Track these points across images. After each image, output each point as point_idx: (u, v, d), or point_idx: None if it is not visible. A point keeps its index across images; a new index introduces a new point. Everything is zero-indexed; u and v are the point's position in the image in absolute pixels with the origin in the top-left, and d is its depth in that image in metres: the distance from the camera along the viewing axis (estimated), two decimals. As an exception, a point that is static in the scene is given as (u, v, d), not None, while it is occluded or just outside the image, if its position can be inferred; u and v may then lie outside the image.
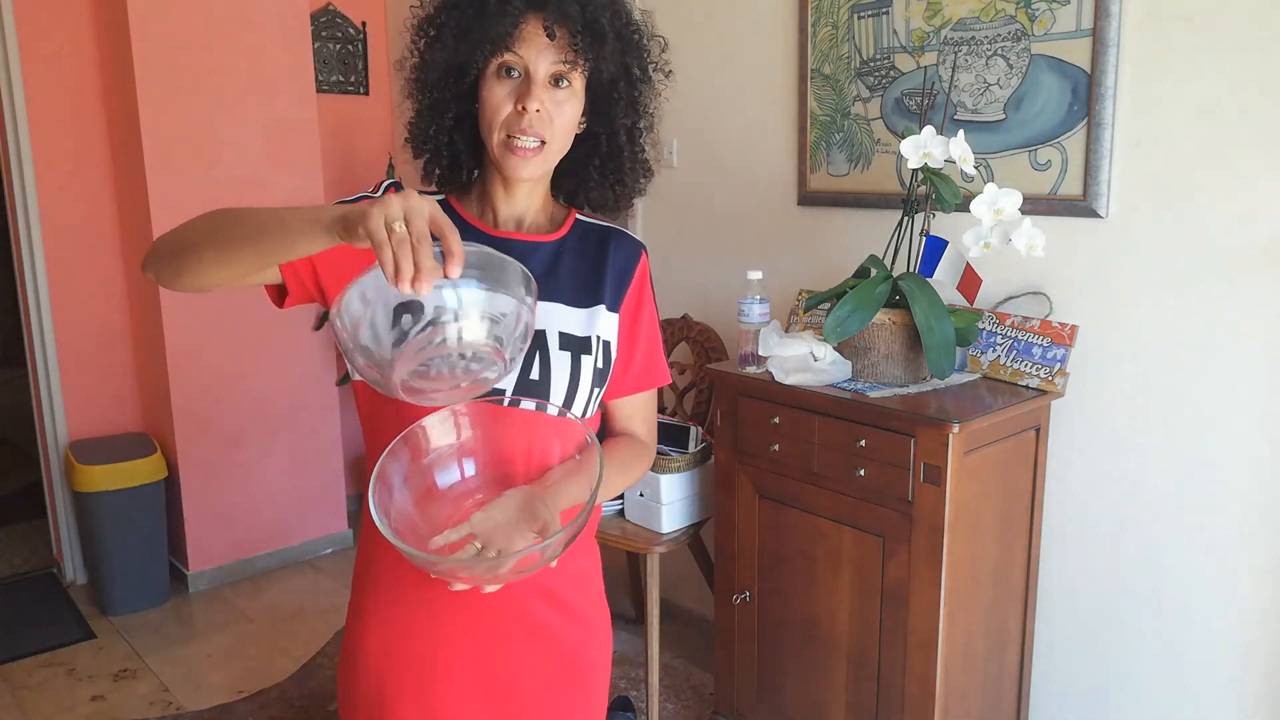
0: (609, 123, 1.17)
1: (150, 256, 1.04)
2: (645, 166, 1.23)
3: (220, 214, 1.00)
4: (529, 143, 1.09)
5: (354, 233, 0.86)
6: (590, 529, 1.28)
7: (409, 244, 0.83)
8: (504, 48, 1.07)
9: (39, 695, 2.69)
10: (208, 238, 0.98)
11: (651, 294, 1.26)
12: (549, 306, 1.15)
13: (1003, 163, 2.05)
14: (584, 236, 1.22)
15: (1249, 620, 1.83)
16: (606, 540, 2.33)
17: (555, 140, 1.11)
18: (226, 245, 0.97)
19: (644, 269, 1.24)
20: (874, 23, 2.24)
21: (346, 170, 3.85)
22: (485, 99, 1.10)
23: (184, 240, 1.00)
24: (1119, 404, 1.95)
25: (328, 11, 3.75)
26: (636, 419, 1.28)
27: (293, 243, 0.94)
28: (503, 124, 1.09)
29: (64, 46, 3.16)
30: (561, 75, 1.10)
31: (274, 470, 3.46)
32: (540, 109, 1.08)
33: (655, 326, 1.27)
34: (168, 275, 1.03)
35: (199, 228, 1.00)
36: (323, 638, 2.98)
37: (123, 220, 3.32)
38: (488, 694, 1.17)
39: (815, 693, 2.05)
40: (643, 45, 1.17)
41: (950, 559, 1.78)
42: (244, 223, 0.97)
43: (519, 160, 1.10)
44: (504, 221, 1.18)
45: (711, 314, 2.70)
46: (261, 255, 0.96)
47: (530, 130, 1.08)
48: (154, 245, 1.04)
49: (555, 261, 1.18)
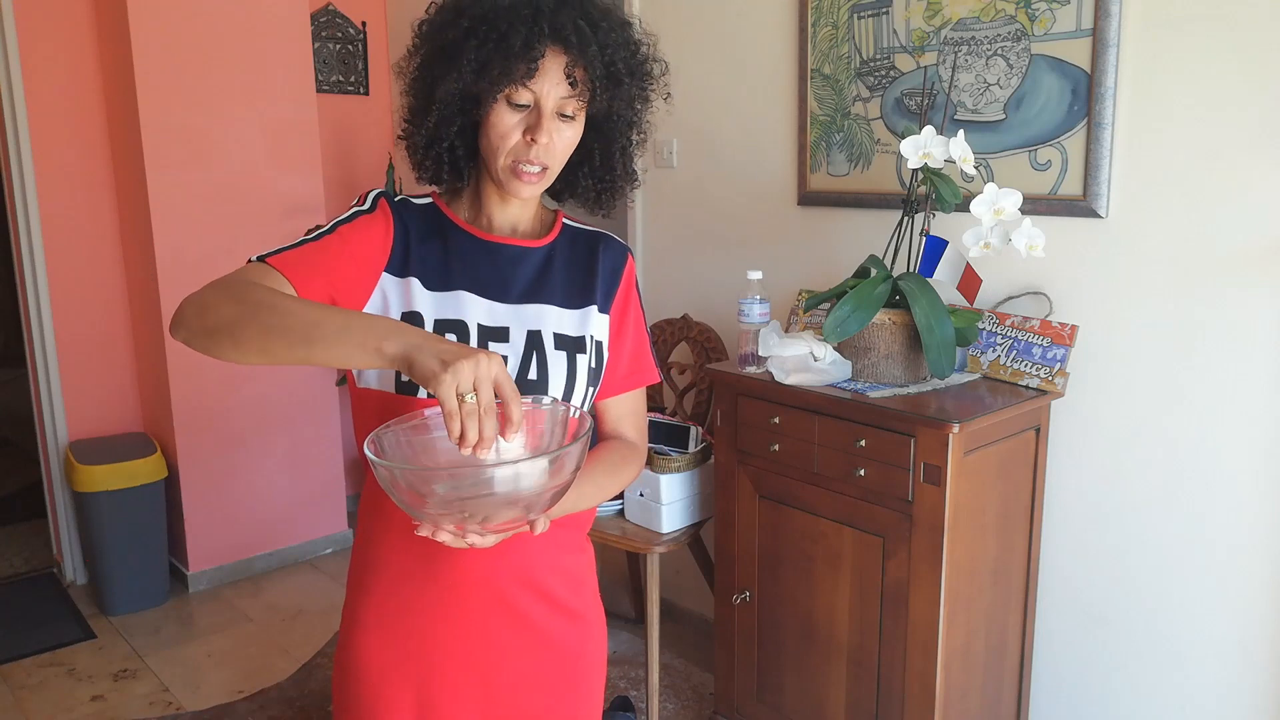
0: (606, 141, 1.20)
1: (180, 324, 0.98)
2: (633, 175, 1.25)
3: (262, 302, 0.95)
4: (534, 169, 1.11)
5: (421, 381, 0.88)
6: (584, 527, 1.28)
7: (477, 415, 0.87)
8: (522, 85, 1.07)
9: (39, 695, 2.69)
10: (249, 328, 0.94)
11: (638, 296, 1.28)
12: (544, 308, 1.17)
13: (1003, 163, 2.05)
14: (573, 240, 1.24)
15: (1249, 620, 1.83)
16: (606, 540, 2.33)
17: (557, 164, 1.14)
18: (269, 340, 0.93)
19: (630, 272, 1.27)
20: (874, 23, 2.24)
21: (346, 170, 3.85)
22: (493, 124, 1.10)
23: (220, 322, 0.96)
24: (1119, 404, 1.95)
25: (328, 11, 3.75)
26: (626, 421, 1.29)
27: (346, 356, 0.92)
28: (509, 151, 1.11)
29: (64, 46, 3.16)
30: (570, 110, 1.11)
31: (274, 470, 3.46)
32: (549, 141, 1.10)
33: (642, 327, 1.29)
34: (200, 347, 0.98)
35: (237, 313, 0.95)
36: (323, 638, 2.98)
37: (123, 220, 3.32)
38: (485, 695, 1.18)
39: (815, 693, 2.05)
40: (650, 75, 1.18)
41: (950, 559, 1.78)
42: (290, 324, 0.93)
43: (523, 184, 1.12)
44: (499, 227, 1.20)
45: (711, 314, 2.70)
46: (308, 360, 0.94)
47: (537, 160, 1.11)
48: (183, 311, 0.98)
49: (548, 264, 1.20)
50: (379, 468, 0.92)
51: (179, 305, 0.99)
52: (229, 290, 0.98)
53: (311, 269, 1.06)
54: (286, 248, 1.07)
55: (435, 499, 0.93)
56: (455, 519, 0.93)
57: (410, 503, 0.93)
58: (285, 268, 1.05)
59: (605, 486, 1.20)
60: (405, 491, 0.92)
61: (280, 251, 1.06)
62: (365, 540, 1.21)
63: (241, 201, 3.27)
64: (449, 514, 0.93)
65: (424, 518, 0.94)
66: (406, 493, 0.92)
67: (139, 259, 3.24)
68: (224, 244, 3.23)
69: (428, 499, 0.93)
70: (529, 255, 1.19)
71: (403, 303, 1.12)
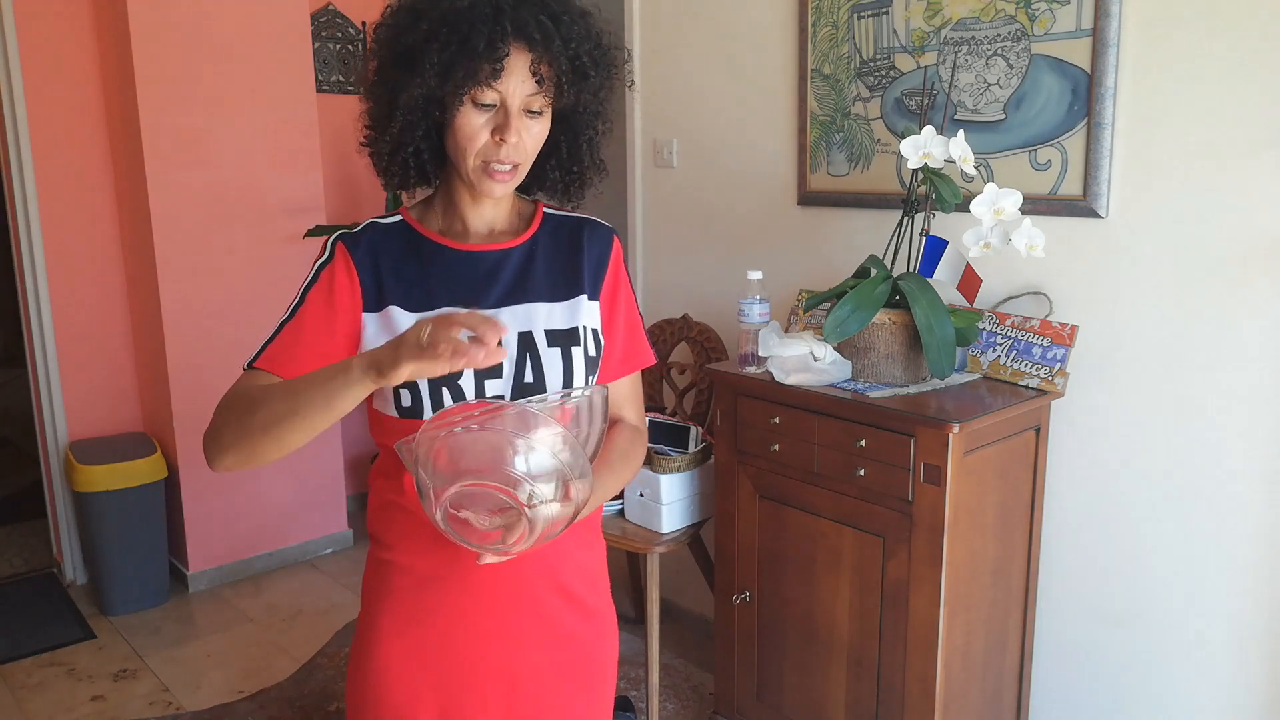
0: (572, 133, 1.18)
1: (213, 458, 1.06)
2: (601, 166, 1.24)
3: (251, 408, 1.03)
4: (505, 167, 1.10)
5: (392, 368, 0.91)
6: (596, 521, 1.29)
7: (444, 347, 0.88)
8: (487, 85, 1.06)
9: (39, 695, 2.69)
10: (252, 433, 1.02)
11: (627, 278, 1.26)
12: (532, 306, 1.16)
13: (1003, 163, 2.05)
14: (556, 230, 1.23)
15: (1249, 619, 1.83)
16: (606, 540, 2.32)
17: (527, 160, 1.13)
18: (277, 433, 1.01)
19: (618, 255, 1.25)
20: (874, 23, 2.25)
21: (346, 170, 3.84)
22: (459, 126, 1.09)
23: (234, 442, 1.04)
24: (1119, 404, 1.95)
25: (328, 11, 3.75)
26: (626, 404, 1.29)
27: (331, 401, 0.97)
28: (478, 152, 1.10)
29: (64, 47, 3.16)
30: (537, 106, 1.10)
31: (274, 470, 3.45)
32: (518, 140, 1.09)
33: (634, 309, 1.28)
34: (236, 467, 1.06)
35: (238, 430, 1.03)
36: (323, 638, 2.98)
37: (123, 220, 3.32)
38: (508, 694, 1.17)
39: (815, 693, 2.05)
40: (613, 64, 1.17)
41: (950, 559, 1.78)
42: (280, 411, 1.01)
43: (495, 183, 1.11)
44: (475, 233, 1.18)
45: (711, 314, 2.70)
46: (314, 424, 1.00)
47: (507, 159, 1.09)
48: (206, 446, 1.07)
49: (529, 261, 1.18)
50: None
51: (204, 442, 1.08)
52: (227, 411, 1.06)
53: (292, 356, 1.11)
54: (268, 341, 1.13)
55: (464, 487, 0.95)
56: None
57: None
58: (272, 366, 1.11)
59: (622, 473, 1.21)
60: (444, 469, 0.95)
61: (263, 350, 1.12)
62: (380, 549, 1.20)
63: (241, 201, 3.27)
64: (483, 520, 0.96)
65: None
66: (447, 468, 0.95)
67: (139, 259, 3.24)
68: (224, 244, 3.23)
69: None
70: (508, 256, 1.18)
71: (388, 333, 1.11)
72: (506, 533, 0.97)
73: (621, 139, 2.87)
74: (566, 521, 0.98)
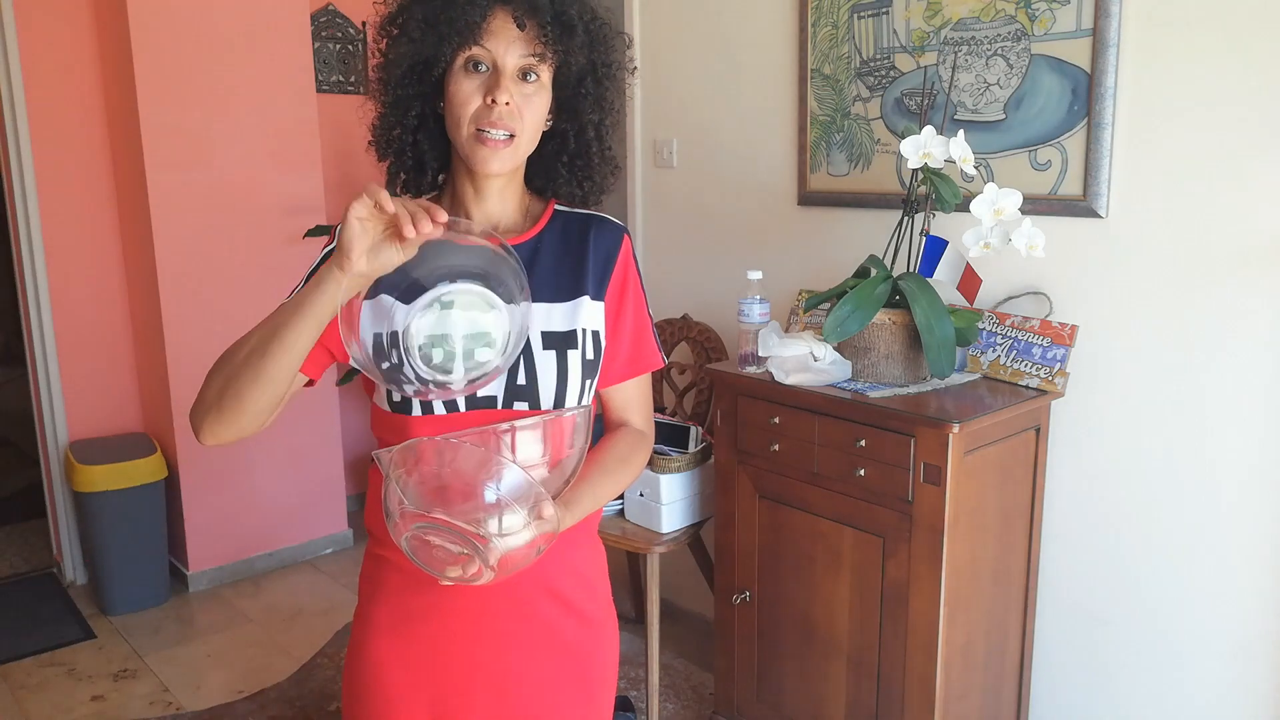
0: (576, 119, 1.17)
1: (200, 429, 1.06)
2: (612, 162, 1.22)
3: (225, 355, 1.05)
4: (498, 135, 1.08)
5: (346, 252, 0.95)
6: (593, 523, 1.27)
7: (394, 215, 0.93)
8: (472, 40, 1.06)
9: (39, 695, 2.69)
10: (234, 372, 1.02)
11: (637, 278, 1.24)
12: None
13: (1003, 163, 2.05)
14: (564, 227, 1.21)
15: (1249, 619, 1.83)
16: (606, 540, 2.32)
17: (524, 134, 1.11)
18: (254, 368, 1.00)
19: (627, 253, 1.22)
20: (874, 23, 2.25)
21: (346, 170, 3.84)
22: (453, 93, 1.09)
23: (213, 398, 1.04)
24: (1119, 404, 1.95)
25: (328, 11, 3.75)
26: (632, 408, 1.26)
27: (307, 310, 0.98)
28: (471, 118, 1.08)
29: (64, 46, 3.16)
30: (530, 69, 1.09)
31: (274, 470, 3.46)
32: (510, 102, 1.07)
33: (643, 311, 1.24)
34: (221, 429, 1.04)
35: (222, 378, 1.03)
36: (323, 638, 2.98)
37: (123, 220, 3.32)
38: (498, 698, 1.17)
39: (815, 693, 2.05)
40: (609, 39, 1.16)
41: (950, 559, 1.78)
42: (252, 342, 1.02)
43: (489, 151, 1.09)
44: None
45: (711, 314, 2.70)
46: (288, 348, 1.00)
47: (500, 123, 1.08)
48: (192, 416, 1.06)
49: (532, 259, 1.17)
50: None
51: (190, 414, 1.07)
52: (211, 371, 1.06)
53: None
54: None
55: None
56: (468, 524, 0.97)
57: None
58: None
59: (619, 478, 1.19)
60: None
61: None
62: (376, 545, 1.20)
63: (242, 201, 3.27)
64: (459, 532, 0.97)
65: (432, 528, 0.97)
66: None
67: (139, 259, 3.24)
68: (224, 244, 3.23)
69: None
70: None
71: (384, 324, 1.09)
72: (468, 563, 0.99)
73: (622, 139, 2.87)
74: (530, 557, 1.00)
